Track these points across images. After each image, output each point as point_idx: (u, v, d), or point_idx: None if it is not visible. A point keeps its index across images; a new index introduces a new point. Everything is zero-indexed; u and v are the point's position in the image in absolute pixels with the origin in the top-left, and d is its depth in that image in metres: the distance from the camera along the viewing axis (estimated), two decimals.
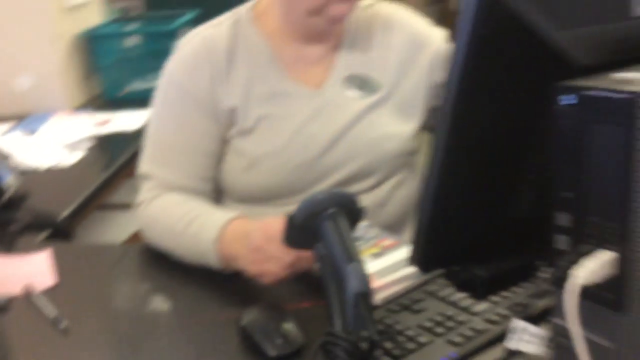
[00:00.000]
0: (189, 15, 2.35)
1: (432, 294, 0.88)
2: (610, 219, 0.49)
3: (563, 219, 0.52)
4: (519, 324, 0.52)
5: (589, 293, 0.50)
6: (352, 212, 0.70)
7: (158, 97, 1.15)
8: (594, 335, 0.53)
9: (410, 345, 0.78)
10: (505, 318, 0.78)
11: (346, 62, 1.14)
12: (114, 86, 2.21)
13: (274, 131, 1.11)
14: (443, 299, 0.87)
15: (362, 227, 0.96)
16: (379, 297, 0.88)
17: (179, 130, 1.12)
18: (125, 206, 1.72)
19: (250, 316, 0.88)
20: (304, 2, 1.04)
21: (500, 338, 0.74)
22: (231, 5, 1.19)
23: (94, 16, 2.30)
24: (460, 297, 0.86)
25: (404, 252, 0.95)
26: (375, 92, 1.14)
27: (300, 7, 1.06)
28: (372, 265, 0.93)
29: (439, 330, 0.81)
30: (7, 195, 1.30)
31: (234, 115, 1.11)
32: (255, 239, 0.94)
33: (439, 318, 0.83)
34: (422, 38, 1.18)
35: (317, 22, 1.07)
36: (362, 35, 1.16)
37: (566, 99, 0.50)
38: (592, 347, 0.53)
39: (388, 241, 0.98)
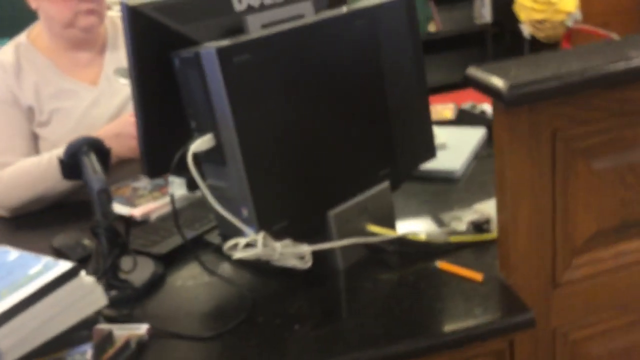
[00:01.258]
0: None
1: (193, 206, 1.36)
2: (206, 117, 0.96)
3: (192, 123, 1.00)
4: (171, 177, 0.99)
5: (204, 158, 0.98)
6: (100, 150, 1.13)
7: None
8: (218, 182, 1.01)
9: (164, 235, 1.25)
10: None
11: (112, 60, 1.58)
12: None
13: (64, 119, 1.53)
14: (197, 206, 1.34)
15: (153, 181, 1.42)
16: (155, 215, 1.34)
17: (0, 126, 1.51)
18: None
19: (59, 239, 1.31)
20: (57, 19, 1.48)
21: None
22: None
23: None
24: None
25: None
26: None
27: (56, 23, 1.49)
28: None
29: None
30: None
31: (32, 113, 1.52)
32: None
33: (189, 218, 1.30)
34: None
35: (73, 32, 1.51)
36: (121, 38, 1.60)
37: (175, 60, 0.97)
38: (218, 191, 1.01)
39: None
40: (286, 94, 0.99)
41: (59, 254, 1.28)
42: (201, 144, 0.96)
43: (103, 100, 1.56)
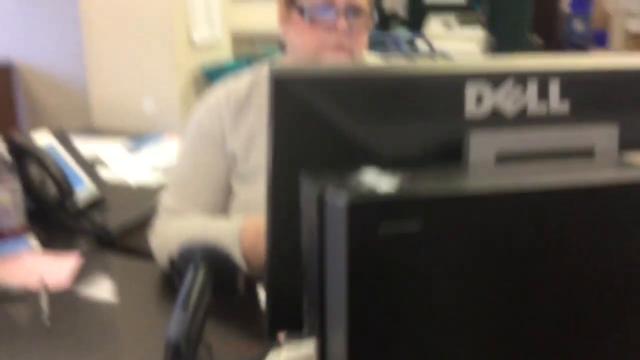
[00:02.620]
0: None
1: None
2: (316, 306, 0.51)
3: (304, 300, 0.56)
4: None
5: None
6: (221, 268, 0.76)
7: (184, 137, 1.30)
8: None
9: None
10: None
11: None
12: None
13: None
14: None
15: None
16: None
17: (194, 166, 1.25)
18: None
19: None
20: (301, 51, 1.15)
21: None
22: None
23: (221, 54, 2.56)
24: None
25: None
26: None
27: (300, 57, 1.16)
28: None
29: None
30: (74, 202, 1.52)
31: (234, 161, 1.22)
32: None
33: None
34: None
35: None
36: None
37: (303, 183, 0.54)
38: None
39: None
40: (475, 314, 0.48)
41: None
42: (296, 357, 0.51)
43: None
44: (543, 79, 0.62)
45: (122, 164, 1.92)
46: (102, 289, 1.24)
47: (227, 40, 2.62)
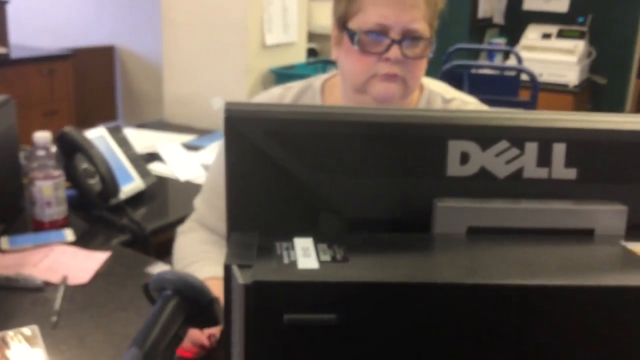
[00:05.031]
0: None
1: None
2: None
3: None
4: None
5: None
6: (195, 299, 0.71)
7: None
8: None
9: None
10: None
11: None
12: None
13: None
14: None
15: None
16: None
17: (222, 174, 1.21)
18: None
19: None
20: (350, 78, 1.07)
21: None
22: None
23: (294, 56, 2.52)
24: None
25: None
26: None
27: (350, 85, 1.08)
28: None
29: None
30: (117, 198, 1.53)
31: None
32: None
33: None
34: None
35: (364, 100, 1.07)
36: None
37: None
38: None
39: None
40: None
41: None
42: None
43: None
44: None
45: (177, 160, 1.92)
46: (120, 289, 1.22)
47: (302, 42, 2.58)
